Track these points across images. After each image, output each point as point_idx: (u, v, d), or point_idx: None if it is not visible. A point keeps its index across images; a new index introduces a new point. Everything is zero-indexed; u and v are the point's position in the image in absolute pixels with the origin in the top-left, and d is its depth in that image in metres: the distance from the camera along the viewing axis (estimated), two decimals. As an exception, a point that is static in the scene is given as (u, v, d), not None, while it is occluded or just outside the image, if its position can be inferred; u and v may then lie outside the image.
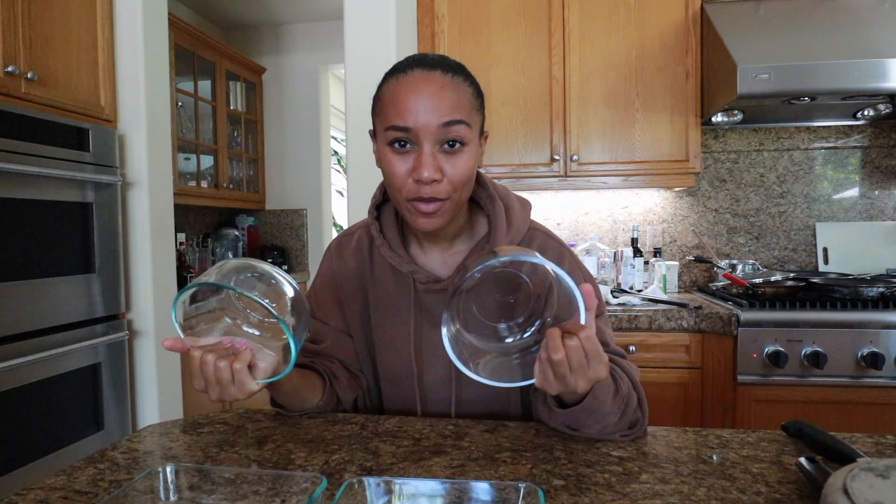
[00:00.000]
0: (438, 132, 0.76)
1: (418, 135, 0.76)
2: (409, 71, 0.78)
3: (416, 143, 0.77)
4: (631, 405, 0.79)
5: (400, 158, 0.78)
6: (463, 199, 0.82)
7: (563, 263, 0.90)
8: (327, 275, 0.99)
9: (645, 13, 2.21)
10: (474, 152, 0.80)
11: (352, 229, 1.01)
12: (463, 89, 0.79)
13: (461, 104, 0.77)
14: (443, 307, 0.88)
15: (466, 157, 0.78)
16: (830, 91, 1.85)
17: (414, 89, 0.76)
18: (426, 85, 0.76)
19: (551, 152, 2.26)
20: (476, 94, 0.81)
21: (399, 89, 0.77)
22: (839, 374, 1.73)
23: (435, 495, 0.55)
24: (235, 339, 0.72)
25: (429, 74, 0.77)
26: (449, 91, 0.77)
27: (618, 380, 0.79)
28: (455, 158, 0.78)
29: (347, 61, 2.08)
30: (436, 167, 0.76)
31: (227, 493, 0.60)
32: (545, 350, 0.63)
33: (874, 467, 0.53)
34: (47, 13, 1.97)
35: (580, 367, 0.63)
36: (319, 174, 4.12)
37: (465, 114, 0.77)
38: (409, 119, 0.76)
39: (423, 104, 0.75)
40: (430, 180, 0.76)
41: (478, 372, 0.67)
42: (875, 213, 2.40)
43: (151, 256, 2.34)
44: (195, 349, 0.69)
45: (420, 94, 0.76)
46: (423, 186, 0.77)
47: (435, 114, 0.75)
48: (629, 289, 2.27)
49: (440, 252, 0.91)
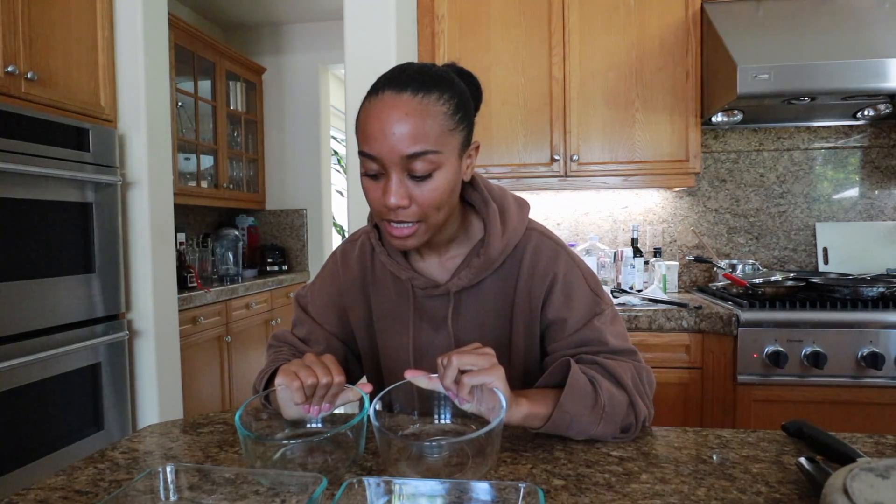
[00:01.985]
0: (403, 162, 0.74)
1: (384, 163, 0.75)
2: (380, 93, 0.76)
3: (384, 170, 0.76)
4: (617, 411, 0.78)
5: (373, 184, 0.78)
6: (439, 219, 0.80)
7: (559, 264, 0.90)
8: (329, 280, 0.99)
9: (645, 13, 2.21)
10: (448, 175, 0.77)
11: (355, 236, 1.01)
12: (433, 111, 0.74)
13: (427, 131, 0.74)
14: (442, 311, 0.89)
15: (437, 181, 0.76)
16: (830, 91, 1.85)
17: (379, 116, 0.74)
18: (391, 112, 0.74)
19: (551, 152, 2.26)
20: (454, 111, 0.77)
21: (368, 114, 0.76)
22: (839, 374, 1.73)
23: (435, 495, 0.55)
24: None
25: (396, 98, 0.74)
26: (414, 118, 0.73)
27: (598, 389, 0.78)
28: (423, 185, 0.76)
29: (347, 61, 2.08)
30: (402, 195, 0.75)
31: (227, 493, 0.60)
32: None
33: (874, 467, 0.53)
34: (47, 13, 1.97)
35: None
36: (319, 174, 4.12)
37: (432, 141, 0.74)
38: (374, 147, 0.74)
39: (388, 133, 0.73)
40: (397, 207, 0.75)
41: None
42: (875, 213, 2.40)
43: (151, 256, 2.34)
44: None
45: (384, 122, 0.73)
46: (391, 212, 0.77)
47: (399, 143, 0.73)
48: (629, 289, 2.27)
49: (438, 257, 0.91)
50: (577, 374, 0.78)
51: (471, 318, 0.90)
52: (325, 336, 0.97)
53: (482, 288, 0.90)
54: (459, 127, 0.78)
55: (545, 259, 0.90)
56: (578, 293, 0.89)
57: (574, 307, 0.88)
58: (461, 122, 0.78)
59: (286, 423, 0.80)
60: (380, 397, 0.74)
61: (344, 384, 0.76)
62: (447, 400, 0.77)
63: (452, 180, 0.78)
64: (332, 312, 0.98)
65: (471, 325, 0.90)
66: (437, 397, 0.78)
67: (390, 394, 0.77)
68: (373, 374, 0.99)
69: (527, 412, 0.75)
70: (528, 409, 0.75)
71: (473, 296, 0.90)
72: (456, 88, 0.79)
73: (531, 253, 0.90)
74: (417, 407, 0.81)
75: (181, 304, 2.62)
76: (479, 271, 0.87)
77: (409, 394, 0.78)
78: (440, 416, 0.80)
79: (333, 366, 0.76)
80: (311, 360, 0.76)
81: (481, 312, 0.90)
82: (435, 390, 0.75)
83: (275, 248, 3.98)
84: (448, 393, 0.72)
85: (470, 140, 0.82)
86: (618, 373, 0.81)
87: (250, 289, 3.30)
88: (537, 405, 0.76)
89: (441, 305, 0.90)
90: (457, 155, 0.79)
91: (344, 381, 0.76)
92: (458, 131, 0.78)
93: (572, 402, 0.76)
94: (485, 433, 0.63)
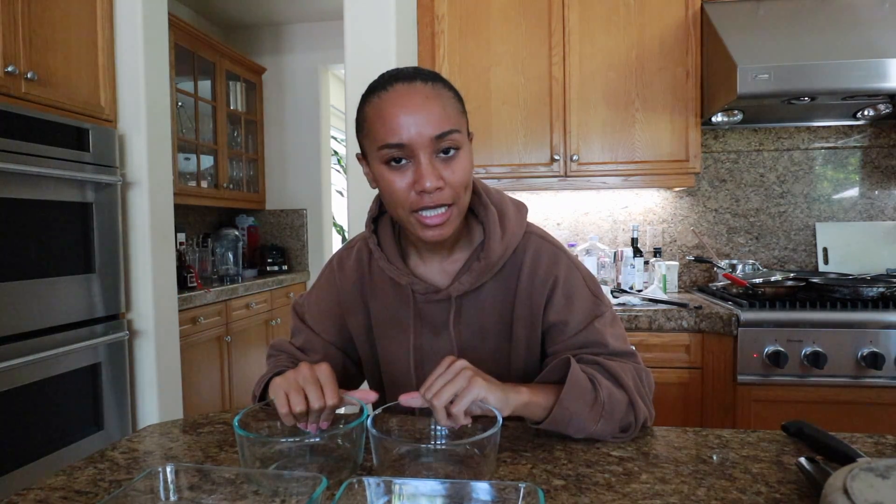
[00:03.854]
0: (433, 143, 0.75)
1: (413, 148, 0.75)
2: (388, 87, 0.77)
3: (411, 157, 0.76)
4: (616, 410, 0.78)
5: (398, 175, 0.78)
6: (465, 203, 0.82)
7: (560, 267, 0.90)
8: (326, 288, 0.99)
9: (645, 13, 2.21)
10: (468, 155, 0.81)
11: (352, 243, 1.01)
12: (446, 96, 0.79)
13: (448, 112, 0.77)
14: (443, 316, 0.89)
15: (463, 160, 0.79)
16: (830, 91, 1.85)
17: (399, 104, 0.75)
18: (411, 97, 0.75)
19: (551, 152, 2.26)
20: (457, 98, 0.82)
21: (384, 106, 0.76)
22: (839, 374, 1.73)
23: (435, 495, 0.55)
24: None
25: (410, 87, 0.76)
26: (434, 101, 0.76)
27: (597, 387, 0.78)
28: (453, 164, 0.78)
29: (347, 61, 2.08)
30: (437, 175, 0.76)
31: (227, 493, 0.60)
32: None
33: (874, 467, 0.53)
34: (47, 13, 1.97)
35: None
36: (319, 174, 4.12)
37: (453, 121, 0.77)
38: (402, 134, 0.75)
39: (413, 117, 0.75)
40: (434, 189, 0.76)
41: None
42: (875, 213, 2.40)
43: (151, 256, 2.34)
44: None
45: (407, 108, 0.75)
46: (426, 196, 0.77)
47: (427, 126, 0.75)
48: (629, 289, 2.27)
49: (439, 262, 0.91)
50: (576, 371, 0.78)
51: (472, 322, 0.90)
52: (322, 344, 0.97)
53: (482, 292, 0.90)
54: (465, 113, 0.83)
55: (545, 262, 0.90)
56: (579, 296, 0.89)
57: (575, 310, 0.88)
58: (464, 109, 0.84)
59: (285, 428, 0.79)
60: (379, 411, 0.74)
61: (336, 407, 0.74)
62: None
63: (471, 160, 0.82)
64: (329, 321, 0.98)
65: (472, 330, 0.90)
66: (431, 415, 0.77)
67: (390, 409, 0.76)
68: (374, 380, 0.99)
69: (527, 399, 0.75)
70: (528, 398, 0.75)
71: (474, 300, 0.90)
72: (449, 82, 0.84)
73: (531, 256, 0.90)
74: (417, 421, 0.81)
75: (181, 304, 2.62)
76: (479, 275, 0.87)
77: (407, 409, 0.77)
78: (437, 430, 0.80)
79: (328, 385, 0.73)
80: (305, 375, 0.73)
81: (482, 317, 0.90)
82: (430, 412, 0.75)
83: (275, 248, 3.98)
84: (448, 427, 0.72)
85: (468, 129, 0.86)
86: (618, 373, 0.81)
87: (250, 289, 3.30)
88: (537, 395, 0.76)
89: (442, 310, 0.90)
90: (468, 138, 0.83)
91: (337, 404, 0.73)
92: (464, 115, 0.83)
93: (572, 398, 0.76)
94: (484, 438, 0.63)
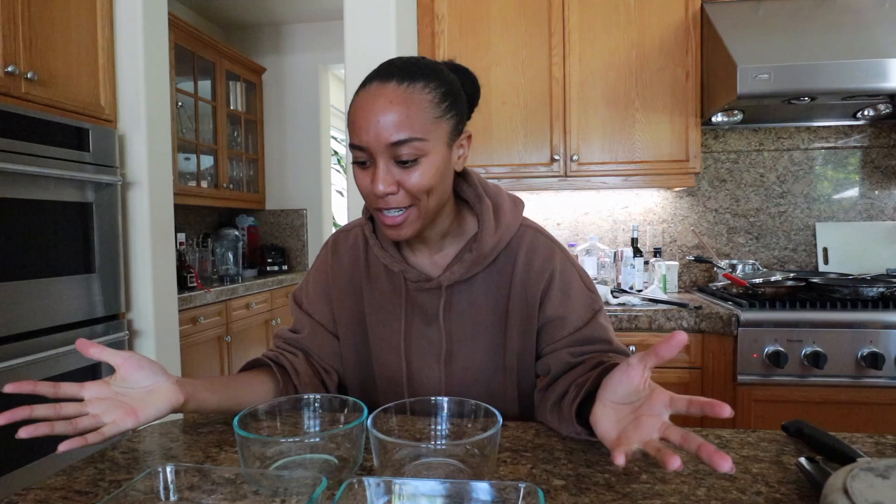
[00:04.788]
0: (388, 150, 0.76)
1: (371, 151, 0.76)
2: (367, 85, 0.78)
3: (372, 159, 0.77)
4: None
5: (363, 174, 0.79)
6: (431, 205, 0.81)
7: (554, 261, 0.90)
8: (321, 269, 1.00)
9: (645, 13, 2.21)
10: (435, 162, 0.78)
11: (350, 226, 1.01)
12: (417, 99, 0.76)
13: (413, 119, 0.75)
14: (434, 305, 0.89)
15: (423, 168, 0.77)
16: (830, 91, 1.85)
17: (364, 107, 0.76)
18: (375, 101, 0.75)
19: (551, 152, 2.26)
20: (440, 99, 0.78)
21: (356, 105, 0.78)
22: (839, 374, 1.73)
23: (435, 495, 0.55)
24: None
25: (381, 88, 0.76)
26: (398, 106, 0.75)
27: None
28: (410, 172, 0.77)
29: (347, 61, 2.08)
30: (389, 181, 0.77)
31: (227, 493, 0.60)
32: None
33: (874, 467, 0.53)
34: (47, 13, 1.97)
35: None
36: (319, 174, 4.13)
37: (416, 128, 0.75)
38: (362, 136, 0.76)
39: (373, 122, 0.75)
40: (385, 194, 0.77)
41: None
42: (875, 213, 2.40)
43: (151, 256, 2.34)
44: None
45: (370, 111, 0.75)
46: (380, 199, 0.78)
47: (384, 131, 0.75)
48: (629, 289, 2.27)
49: (429, 253, 0.92)
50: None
51: (463, 313, 0.91)
52: (312, 324, 0.98)
53: (475, 283, 0.90)
54: (447, 115, 0.79)
55: (541, 256, 0.90)
56: (575, 290, 0.90)
57: (572, 305, 0.89)
58: (449, 111, 0.79)
59: (284, 428, 0.80)
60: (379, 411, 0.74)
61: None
62: (443, 419, 0.76)
63: (441, 168, 0.79)
64: (324, 302, 0.98)
65: (463, 320, 0.91)
66: (431, 415, 0.77)
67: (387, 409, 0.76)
68: (363, 366, 0.98)
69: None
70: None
71: (466, 291, 0.90)
72: (443, 78, 0.80)
73: (526, 249, 0.91)
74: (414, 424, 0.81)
75: (181, 304, 2.62)
76: (470, 266, 0.88)
77: (403, 411, 0.77)
78: (438, 431, 0.80)
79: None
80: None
81: (474, 308, 0.91)
82: (429, 412, 0.75)
83: (275, 248, 3.98)
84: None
85: (461, 130, 0.83)
86: None
87: (250, 289, 3.30)
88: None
89: (433, 299, 0.90)
90: (444, 143, 0.80)
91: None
92: (445, 119, 0.79)
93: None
94: (484, 438, 0.63)
